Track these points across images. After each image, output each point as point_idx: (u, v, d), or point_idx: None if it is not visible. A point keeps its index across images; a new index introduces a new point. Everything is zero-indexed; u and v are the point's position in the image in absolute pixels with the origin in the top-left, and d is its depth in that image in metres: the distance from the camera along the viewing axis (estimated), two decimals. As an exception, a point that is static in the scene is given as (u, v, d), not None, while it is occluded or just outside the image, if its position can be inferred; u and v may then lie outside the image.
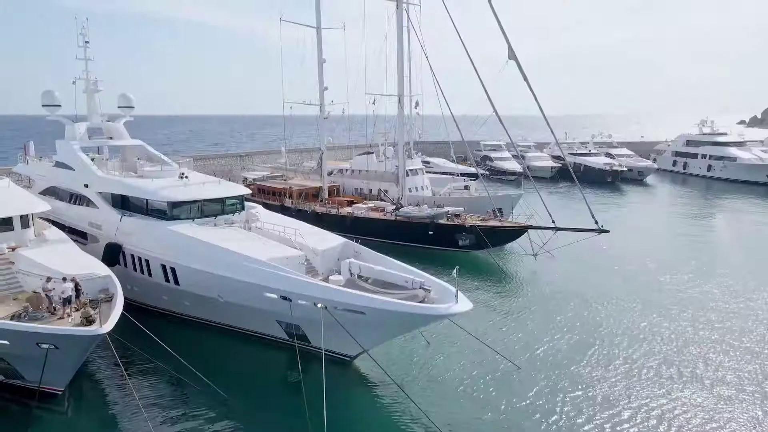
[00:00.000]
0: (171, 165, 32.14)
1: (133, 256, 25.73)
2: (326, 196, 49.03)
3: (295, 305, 20.07)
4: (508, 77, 35.62)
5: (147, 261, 25.00)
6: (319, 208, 45.75)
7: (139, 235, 25.79)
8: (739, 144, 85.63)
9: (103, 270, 21.70)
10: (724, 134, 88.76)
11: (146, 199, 26.95)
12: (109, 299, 19.77)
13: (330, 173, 53.09)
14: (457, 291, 17.99)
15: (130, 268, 26.14)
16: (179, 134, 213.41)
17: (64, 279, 19.53)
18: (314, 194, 49.82)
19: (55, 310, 19.18)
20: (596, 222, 33.21)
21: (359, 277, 21.25)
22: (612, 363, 22.04)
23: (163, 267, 24.16)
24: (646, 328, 25.50)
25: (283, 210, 47.92)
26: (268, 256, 21.61)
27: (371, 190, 50.57)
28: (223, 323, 24.33)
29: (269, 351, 22.97)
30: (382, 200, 47.31)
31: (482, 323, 25.36)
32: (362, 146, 63.49)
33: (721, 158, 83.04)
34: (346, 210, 44.25)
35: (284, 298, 20.13)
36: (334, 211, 44.51)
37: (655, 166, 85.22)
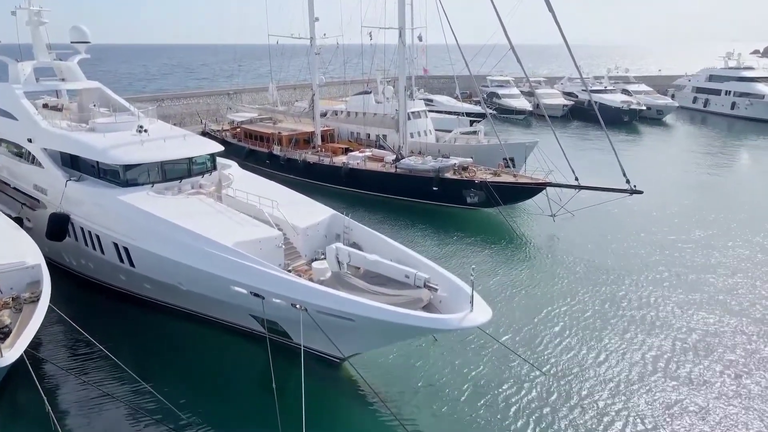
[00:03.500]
0: (131, 113, 27.25)
1: (82, 229, 21.57)
2: (319, 142, 44.26)
3: (268, 303, 16.14)
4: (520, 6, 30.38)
5: (98, 237, 20.86)
6: (311, 157, 41.16)
7: (87, 205, 21.49)
8: (767, 80, 79.30)
9: (34, 257, 17.61)
10: (751, 68, 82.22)
11: (96, 161, 22.41)
12: (37, 299, 15.76)
13: (323, 115, 48.06)
14: (472, 294, 13.92)
15: (81, 242, 22.06)
16: (162, 67, 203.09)
17: (-25, 275, 15.49)
18: (306, 140, 45.02)
19: (-33, 313, 15.26)
20: (628, 181, 28.71)
21: (349, 266, 17.13)
22: (653, 360, 18.34)
23: (116, 245, 20.04)
24: (688, 313, 21.70)
25: (272, 158, 43.57)
26: (236, 240, 17.41)
27: (369, 135, 45.74)
28: (191, 310, 20.51)
29: (243, 344, 19.17)
30: (380, 147, 42.64)
31: (494, 307, 21.51)
32: (359, 82, 57.91)
33: (746, 95, 77.03)
34: (341, 160, 39.66)
35: (255, 294, 16.16)
36: (326, 161, 39.95)
37: (676, 104, 79.28)
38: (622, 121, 70.93)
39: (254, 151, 46.01)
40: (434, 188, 34.54)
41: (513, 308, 22.00)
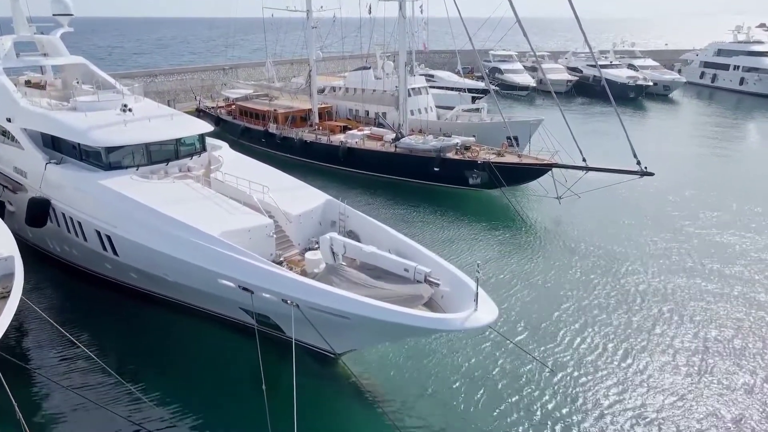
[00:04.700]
0: (116, 90, 25.80)
1: (64, 215, 20.40)
2: (316, 120, 42.79)
3: (258, 297, 15.09)
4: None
5: (80, 223, 19.70)
6: (308, 136, 39.81)
7: (67, 190, 20.28)
8: (777, 54, 77.14)
9: (8, 248, 16.43)
10: (761, 42, 79.94)
11: (77, 143, 21.11)
12: (7, 294, 14.65)
13: (321, 91, 46.51)
14: (477, 292, 12.80)
15: (63, 228, 20.94)
16: (155, 41, 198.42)
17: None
18: (303, 117, 43.58)
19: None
20: (638, 162, 27.42)
21: (344, 258, 15.99)
22: (676, 359, 17.32)
23: (98, 233, 18.90)
24: (712, 305, 20.41)
25: (267, 137, 42.23)
26: (224, 230, 16.26)
27: (367, 113, 44.26)
28: (180, 300, 19.46)
29: (233, 337, 17.99)
30: (380, 125, 41.23)
31: (498, 297, 20.55)
32: (358, 57, 56.11)
33: (755, 70, 75.01)
34: (338, 138, 38.29)
35: (244, 288, 15.09)
36: (324, 140, 38.58)
37: (683, 79, 77.25)
38: (628, 97, 69.09)
39: (249, 129, 44.66)
40: (435, 169, 33.29)
41: (517, 297, 20.94)
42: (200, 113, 51.50)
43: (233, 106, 49.01)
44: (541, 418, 14.83)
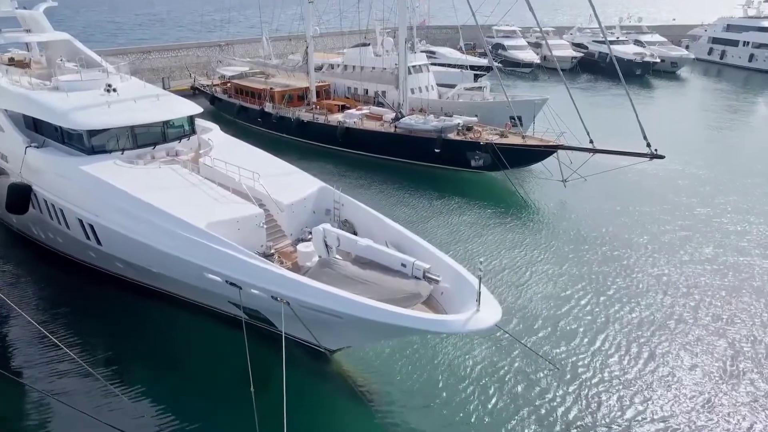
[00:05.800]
0: (102, 69, 24.52)
1: (46, 201, 19.42)
2: (314, 99, 41.47)
3: (246, 293, 14.20)
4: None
5: (62, 211, 18.74)
6: (305, 115, 38.55)
7: (48, 175, 19.26)
8: (789, 30, 74.93)
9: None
10: (772, 17, 77.68)
11: (58, 125, 19.98)
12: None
13: (318, 69, 45.03)
14: (479, 291, 11.86)
15: (45, 215, 19.99)
16: (152, 16, 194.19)
17: None
18: (300, 96, 42.26)
19: None
20: (648, 144, 26.26)
21: (338, 250, 15.01)
22: (698, 363, 16.43)
23: (80, 221, 17.94)
24: (735, 302, 19.26)
25: (263, 116, 41.01)
26: (211, 220, 15.28)
27: (366, 91, 42.89)
28: (168, 291, 18.57)
29: (222, 329, 17.01)
30: (379, 104, 39.94)
31: (501, 289, 19.67)
32: (356, 33, 54.42)
33: (766, 46, 72.89)
34: (336, 118, 37.05)
35: (232, 284, 14.18)
36: (321, 119, 37.36)
37: (692, 55, 75.11)
38: (635, 74, 67.10)
39: (245, 108, 43.42)
40: (436, 150, 32.12)
41: (521, 289, 20.01)
42: (195, 91, 50.21)
43: (229, 85, 47.65)
44: (546, 420, 14.03)
